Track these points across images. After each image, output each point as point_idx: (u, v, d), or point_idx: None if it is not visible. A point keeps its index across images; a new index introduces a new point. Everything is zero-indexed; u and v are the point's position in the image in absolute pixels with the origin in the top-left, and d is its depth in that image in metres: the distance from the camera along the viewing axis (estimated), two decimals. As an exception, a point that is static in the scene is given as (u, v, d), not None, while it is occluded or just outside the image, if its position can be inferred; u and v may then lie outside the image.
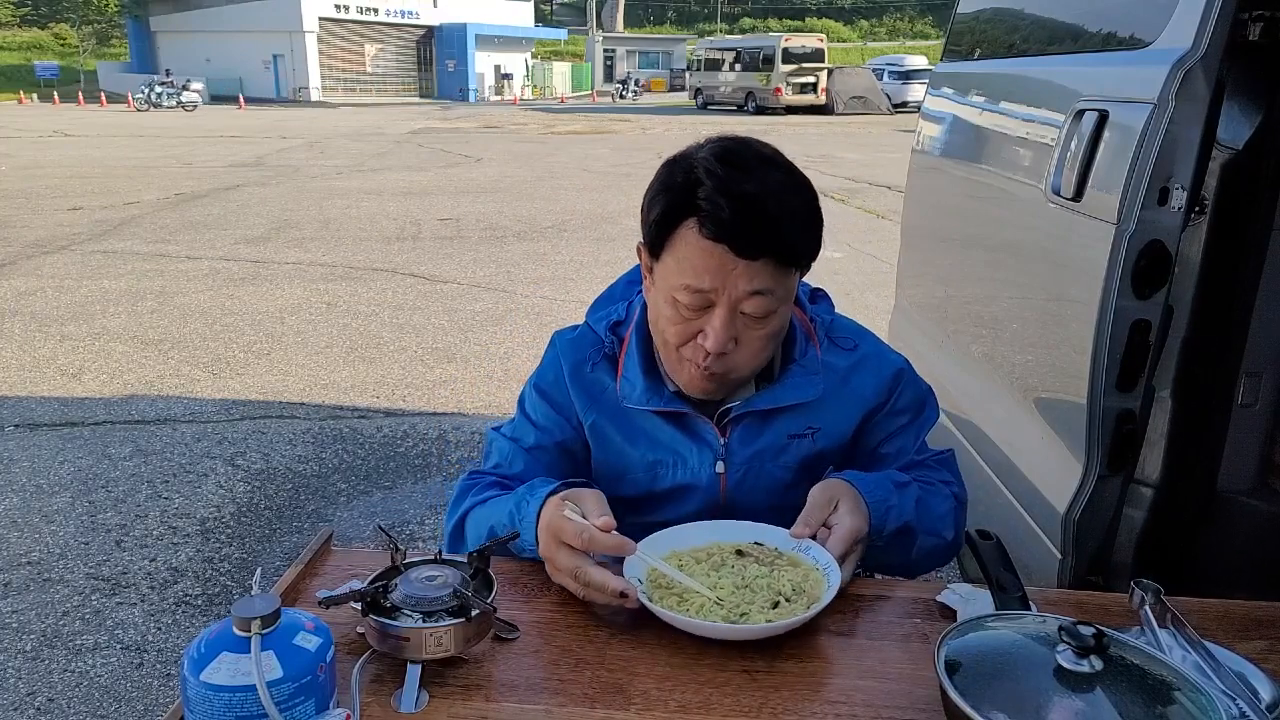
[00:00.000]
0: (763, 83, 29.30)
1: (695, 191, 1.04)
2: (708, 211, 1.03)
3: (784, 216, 1.06)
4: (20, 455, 3.64)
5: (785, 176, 1.08)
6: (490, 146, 16.86)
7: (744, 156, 1.07)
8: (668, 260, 1.09)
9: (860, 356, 1.25)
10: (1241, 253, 1.57)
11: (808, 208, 1.09)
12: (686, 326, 1.10)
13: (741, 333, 1.10)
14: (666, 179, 1.10)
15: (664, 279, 1.10)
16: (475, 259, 7.28)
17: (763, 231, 1.04)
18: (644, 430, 1.22)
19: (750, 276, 1.05)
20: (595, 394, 1.24)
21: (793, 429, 1.21)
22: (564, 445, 1.26)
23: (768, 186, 1.05)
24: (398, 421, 4.06)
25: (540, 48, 47.74)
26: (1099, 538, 1.65)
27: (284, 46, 36.51)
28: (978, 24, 2.77)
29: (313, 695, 0.80)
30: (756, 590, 1.03)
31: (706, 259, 1.05)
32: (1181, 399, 1.64)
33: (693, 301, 1.07)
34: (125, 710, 2.22)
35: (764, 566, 1.07)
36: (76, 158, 14.34)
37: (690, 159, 1.08)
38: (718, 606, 1.01)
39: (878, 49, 51.06)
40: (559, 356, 1.27)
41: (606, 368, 1.24)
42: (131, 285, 6.33)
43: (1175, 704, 0.78)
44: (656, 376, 1.21)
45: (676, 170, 1.09)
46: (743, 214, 1.03)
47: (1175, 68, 1.41)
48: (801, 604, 1.00)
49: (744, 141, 1.11)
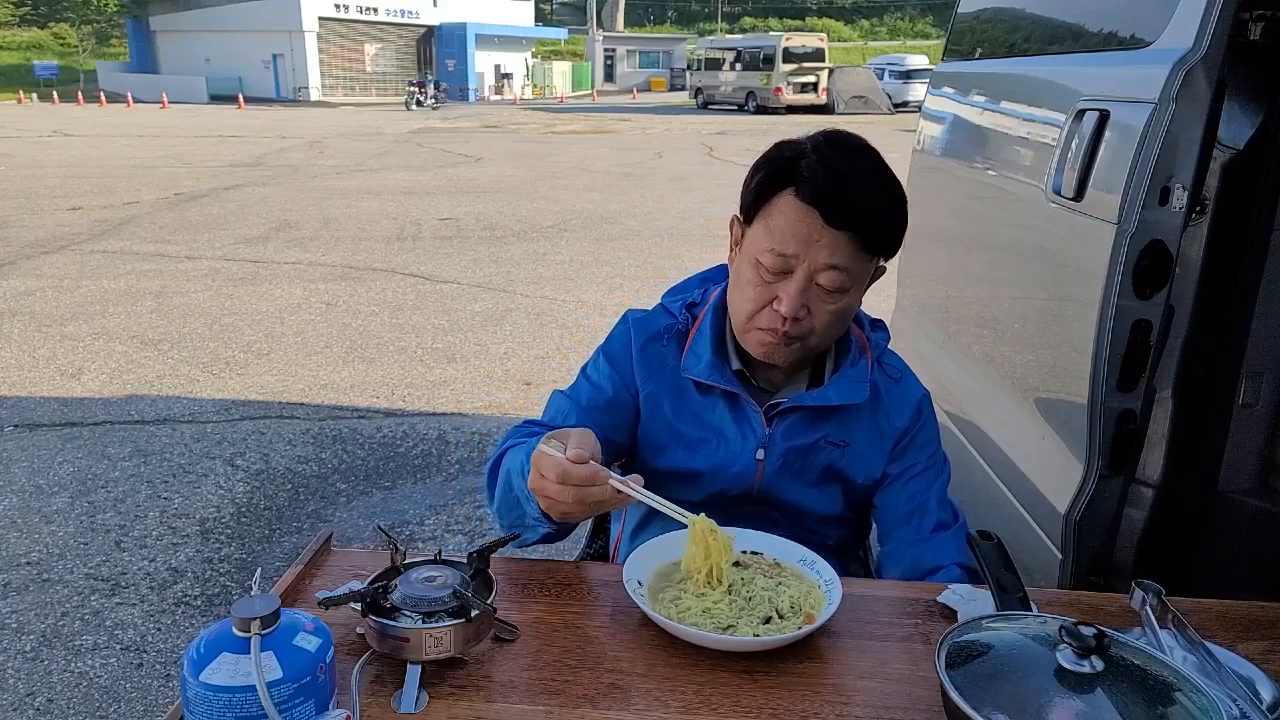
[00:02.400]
0: (763, 82, 29.29)
1: (798, 163, 1.16)
2: (807, 178, 1.14)
3: (874, 196, 1.16)
4: (20, 455, 3.64)
5: (882, 170, 1.19)
6: (490, 146, 16.86)
7: (847, 142, 1.19)
8: (758, 227, 1.19)
9: (901, 387, 1.34)
10: (1243, 252, 1.57)
11: (896, 199, 1.19)
12: (765, 290, 1.18)
13: (814, 304, 1.18)
14: (774, 153, 1.21)
15: (751, 244, 1.20)
16: (475, 259, 7.28)
17: (852, 204, 1.14)
18: (695, 409, 1.30)
19: (832, 249, 1.15)
20: (657, 367, 1.32)
21: (829, 436, 1.28)
22: (617, 407, 1.32)
23: (864, 170, 1.17)
24: (397, 422, 4.06)
25: (540, 47, 47.73)
26: (1100, 538, 1.65)
27: (284, 46, 36.49)
28: (979, 24, 2.77)
29: (312, 696, 0.80)
30: (758, 603, 1.03)
31: (796, 224, 1.15)
32: (1182, 399, 1.64)
33: (775, 265, 1.16)
34: (125, 711, 2.22)
35: (769, 579, 1.07)
36: (76, 157, 14.34)
37: (799, 140, 1.21)
38: (706, 616, 1.01)
39: (878, 48, 51.04)
40: (629, 329, 1.35)
41: (675, 345, 1.33)
42: (131, 285, 6.33)
43: (1176, 705, 0.78)
44: (723, 356, 1.29)
45: (785, 147, 1.20)
46: (837, 185, 1.14)
47: (1176, 67, 1.41)
48: (794, 623, 1.00)
49: (848, 133, 1.23)
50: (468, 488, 3.44)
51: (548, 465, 1.02)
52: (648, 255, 7.25)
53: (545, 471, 1.02)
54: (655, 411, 1.31)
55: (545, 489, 1.03)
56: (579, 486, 1.00)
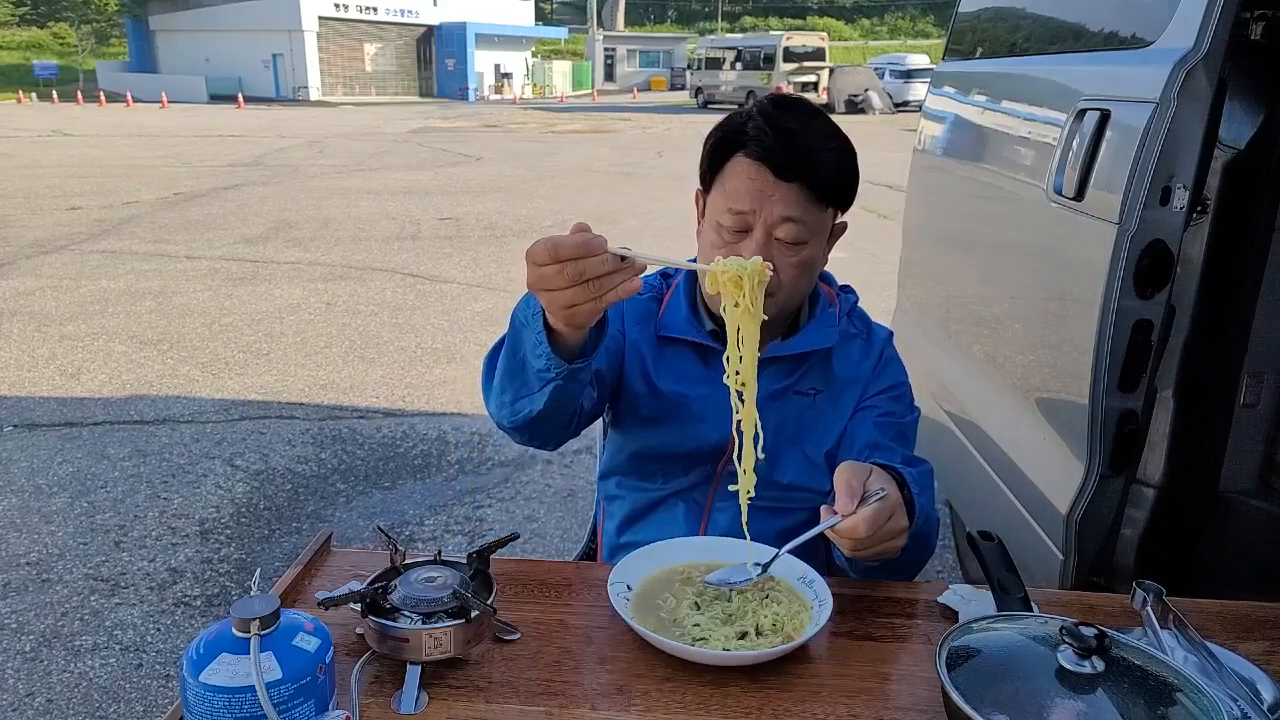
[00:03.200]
0: (764, 81, 29.30)
1: (746, 126, 1.21)
2: (753, 137, 1.19)
3: (820, 150, 1.20)
4: (19, 455, 3.64)
5: (826, 125, 1.23)
6: (490, 146, 16.86)
7: (793, 104, 1.24)
8: (715, 193, 1.24)
9: (868, 342, 1.37)
10: (1243, 252, 1.57)
11: (842, 150, 1.23)
12: (728, 250, 1.20)
13: (776, 258, 1.19)
14: (724, 121, 1.26)
15: (711, 209, 1.25)
16: (475, 259, 7.27)
17: (799, 158, 1.18)
18: (673, 362, 1.33)
19: (785, 202, 1.18)
20: (642, 318, 1.35)
21: (800, 386, 1.32)
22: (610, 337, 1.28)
23: (809, 126, 1.21)
24: (397, 421, 4.06)
25: (540, 47, 47.74)
26: (1101, 538, 1.65)
27: (283, 46, 36.48)
28: (979, 23, 2.77)
29: (312, 696, 0.80)
30: (738, 617, 1.02)
31: (748, 182, 1.19)
32: (1183, 399, 1.64)
33: (734, 224, 1.20)
34: (124, 711, 2.22)
35: (759, 592, 1.07)
36: (76, 157, 14.34)
37: (746, 109, 1.25)
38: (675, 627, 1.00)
39: (879, 48, 51.02)
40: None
41: (653, 304, 1.37)
42: (130, 285, 6.33)
43: (1177, 705, 0.77)
44: (697, 313, 1.33)
45: (734, 115, 1.26)
46: (783, 141, 1.18)
47: (1177, 67, 1.41)
48: (769, 642, 0.98)
49: (793, 95, 1.30)
50: (468, 488, 3.43)
51: (539, 248, 0.93)
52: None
53: (537, 257, 0.93)
54: (637, 361, 1.33)
55: (543, 278, 0.93)
56: (575, 260, 0.90)
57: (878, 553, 1.02)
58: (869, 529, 0.98)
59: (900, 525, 1.01)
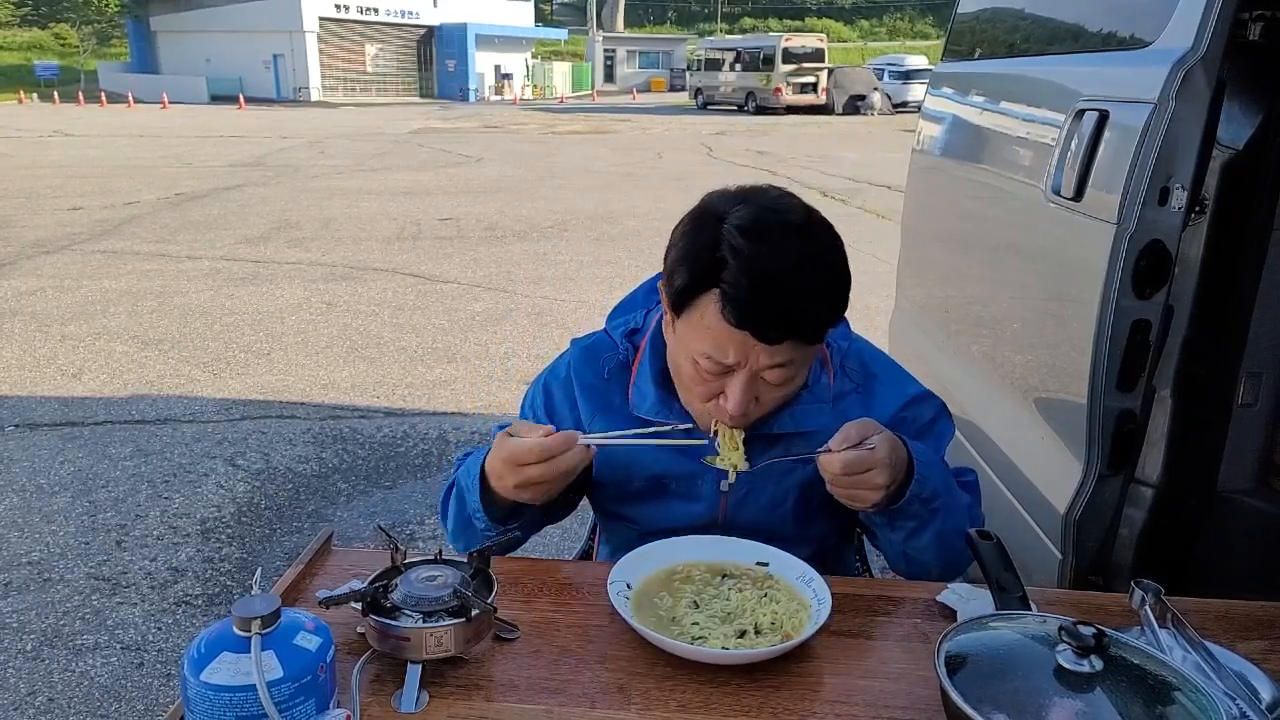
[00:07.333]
0: (763, 83, 29.28)
1: (720, 270, 1.03)
2: (730, 294, 1.03)
3: (807, 297, 1.05)
4: (20, 455, 3.64)
5: (812, 248, 1.06)
6: (490, 146, 16.85)
7: (772, 228, 1.04)
8: (689, 324, 1.09)
9: (870, 390, 1.26)
10: (1242, 252, 1.57)
11: (834, 283, 1.08)
12: (707, 387, 1.12)
13: (762, 393, 1.12)
14: (691, 246, 1.07)
15: (685, 338, 1.11)
16: (475, 259, 7.28)
17: (784, 318, 1.04)
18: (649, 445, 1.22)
19: (772, 353, 1.07)
20: (605, 402, 1.25)
21: (797, 452, 1.20)
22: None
23: (792, 264, 1.03)
24: (398, 421, 4.06)
25: (540, 48, 47.71)
26: (1099, 538, 1.65)
27: (284, 46, 36.47)
28: (978, 24, 2.77)
29: (313, 695, 0.80)
30: (737, 616, 1.03)
31: (728, 339, 1.06)
32: (1182, 399, 1.64)
33: (714, 368, 1.09)
34: (125, 710, 2.22)
35: (757, 590, 1.07)
36: (77, 158, 14.34)
37: (718, 229, 1.05)
38: (674, 626, 1.01)
39: (878, 49, 51.00)
40: (570, 366, 1.30)
41: (620, 376, 1.26)
42: (132, 285, 6.33)
43: (1175, 704, 0.78)
44: (669, 389, 1.21)
45: (703, 236, 1.06)
46: (765, 300, 1.02)
47: (1176, 67, 1.41)
48: (768, 640, 0.99)
49: (776, 209, 1.08)
50: (468, 488, 3.44)
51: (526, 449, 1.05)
52: (648, 255, 7.23)
53: (525, 457, 1.04)
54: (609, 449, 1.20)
55: (527, 475, 1.05)
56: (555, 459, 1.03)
57: (850, 496, 1.08)
58: (843, 469, 1.05)
59: (876, 482, 1.06)
